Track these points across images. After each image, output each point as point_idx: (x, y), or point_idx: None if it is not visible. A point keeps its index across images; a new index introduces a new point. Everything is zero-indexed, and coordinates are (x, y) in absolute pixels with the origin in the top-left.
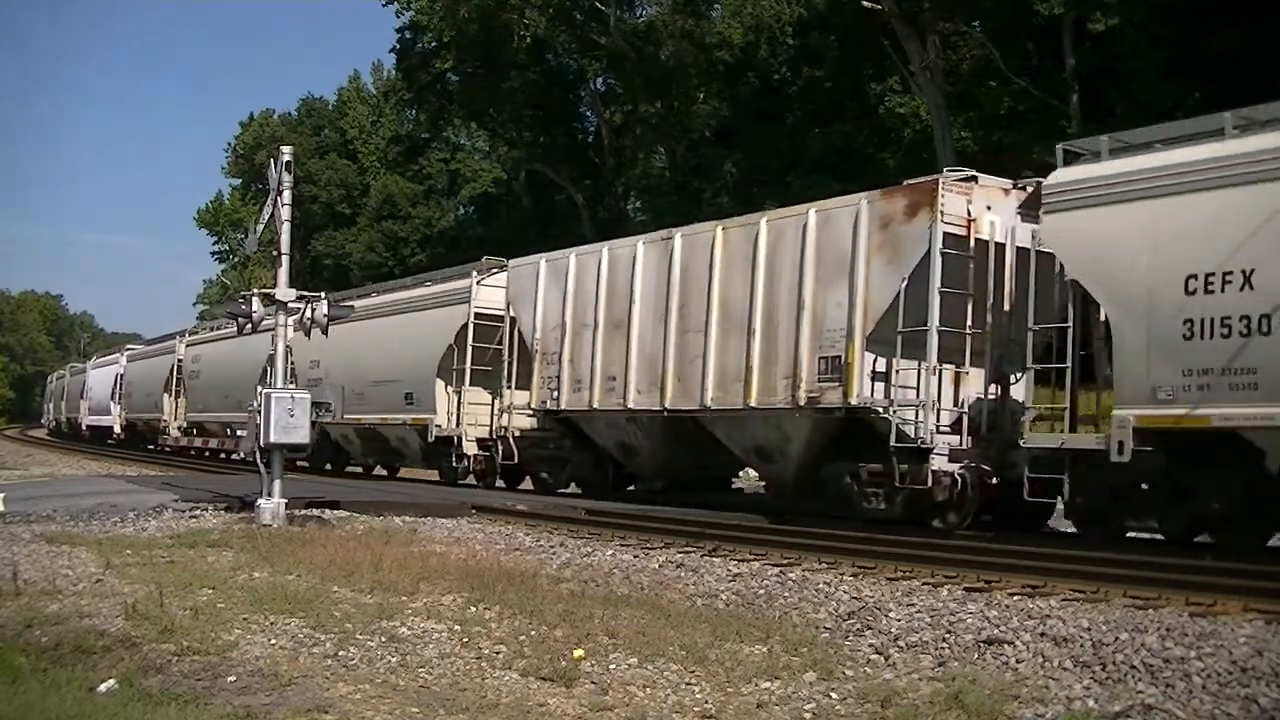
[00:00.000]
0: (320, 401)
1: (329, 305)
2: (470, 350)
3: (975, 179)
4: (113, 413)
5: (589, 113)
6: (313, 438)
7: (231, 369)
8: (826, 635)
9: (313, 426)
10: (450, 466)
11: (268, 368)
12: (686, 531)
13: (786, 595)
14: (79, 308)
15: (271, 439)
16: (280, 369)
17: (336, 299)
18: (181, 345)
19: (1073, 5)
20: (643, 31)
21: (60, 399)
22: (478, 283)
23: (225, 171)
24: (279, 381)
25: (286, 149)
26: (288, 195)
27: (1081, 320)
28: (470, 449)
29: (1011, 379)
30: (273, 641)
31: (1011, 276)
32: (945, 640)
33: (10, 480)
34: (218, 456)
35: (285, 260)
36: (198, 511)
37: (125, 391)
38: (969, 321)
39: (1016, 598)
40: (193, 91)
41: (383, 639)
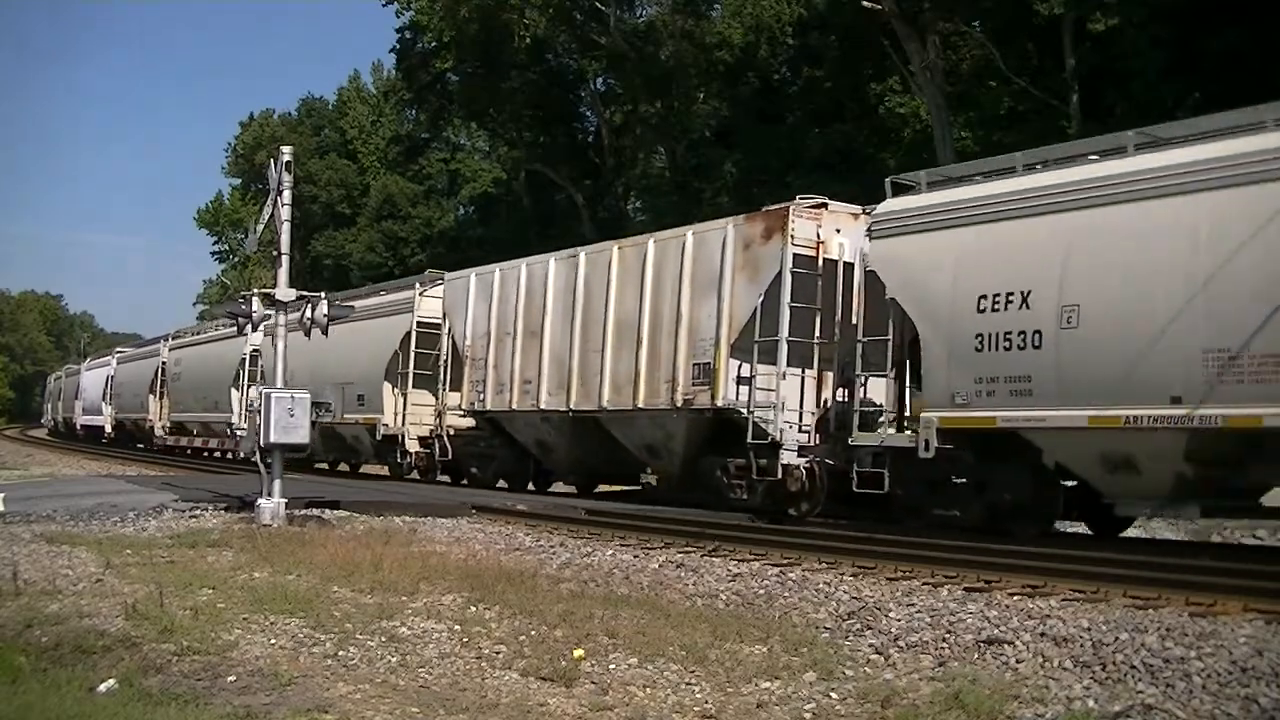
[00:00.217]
0: (320, 401)
1: (329, 305)
2: (413, 356)
3: (825, 205)
4: (104, 413)
5: (589, 113)
6: (313, 437)
7: (208, 371)
8: (826, 635)
9: (313, 426)
10: (396, 462)
11: (239, 371)
12: (686, 531)
13: (786, 595)
14: (79, 308)
15: (271, 439)
16: (280, 369)
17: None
18: (165, 349)
19: (1073, 5)
20: (643, 31)
21: (57, 399)
22: (420, 294)
23: (225, 171)
24: (278, 381)
25: (286, 149)
26: (288, 195)
27: (903, 332)
28: (413, 446)
29: (859, 383)
30: (273, 641)
31: (859, 292)
32: (945, 640)
33: (10, 480)
34: (200, 454)
35: (285, 260)
36: (198, 511)
37: (115, 392)
38: (817, 332)
39: (1016, 598)
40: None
41: (383, 639)
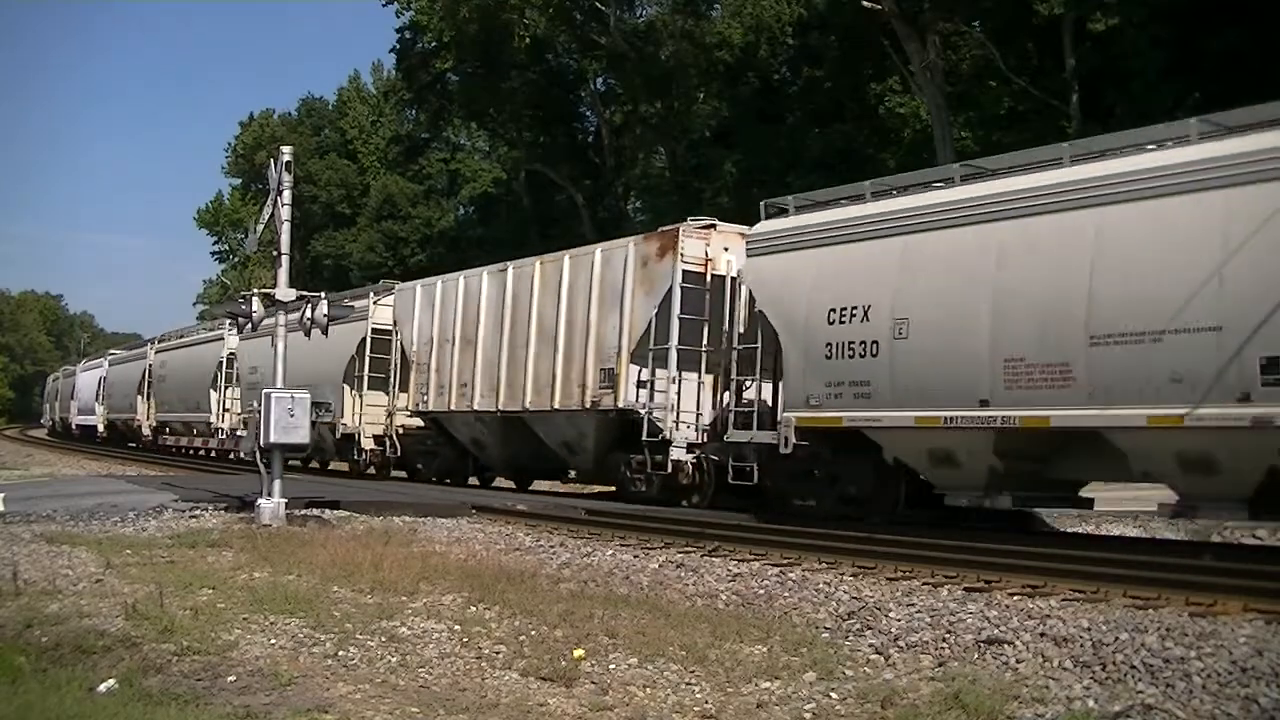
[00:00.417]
0: (320, 402)
1: (329, 305)
2: (368, 360)
3: (714, 226)
4: (97, 413)
5: (589, 113)
6: (312, 437)
7: (189, 374)
8: (826, 635)
9: (312, 426)
10: (354, 459)
11: (216, 373)
12: (686, 531)
13: (786, 595)
14: (79, 308)
15: (271, 439)
16: (280, 370)
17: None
18: (152, 351)
19: (1073, 5)
20: (643, 31)
21: (55, 400)
22: (374, 303)
23: (225, 171)
24: (278, 382)
25: (286, 149)
26: (288, 195)
27: (772, 341)
28: (368, 444)
29: (733, 386)
30: (273, 641)
31: (745, 305)
32: (945, 640)
33: (10, 480)
34: (184, 452)
35: (285, 260)
36: (198, 511)
37: (108, 393)
38: (705, 341)
39: (1016, 598)
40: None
41: (383, 639)
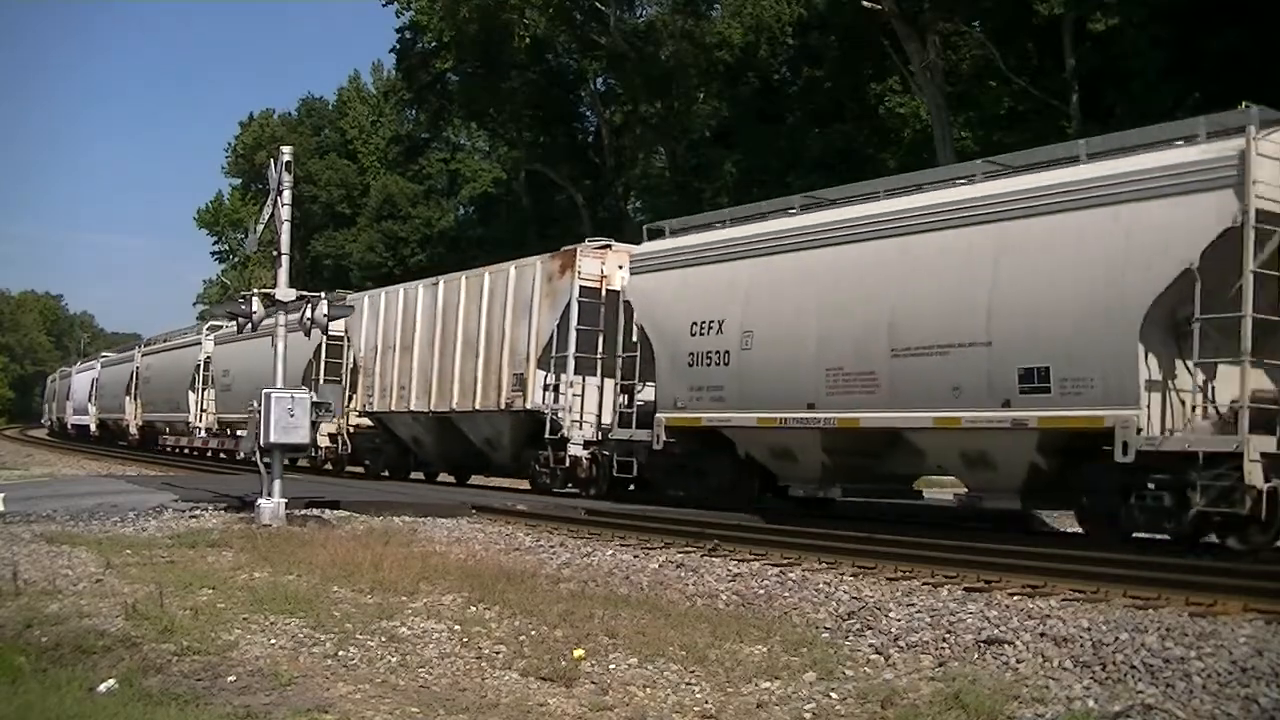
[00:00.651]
0: (321, 401)
1: (329, 305)
2: (324, 364)
3: (610, 246)
4: (90, 413)
5: (589, 113)
6: (312, 437)
7: (171, 376)
8: (826, 635)
9: (313, 427)
10: (312, 457)
11: (194, 376)
12: (686, 531)
13: (786, 595)
14: (79, 308)
15: (271, 439)
16: (280, 370)
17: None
18: (139, 354)
19: (1073, 5)
20: (643, 31)
21: (53, 400)
22: None
23: (225, 171)
24: (278, 382)
25: (286, 149)
26: (288, 195)
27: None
28: (323, 442)
29: (637, 389)
30: (273, 641)
31: (629, 317)
32: (945, 640)
33: (10, 480)
34: (168, 450)
35: (285, 260)
36: (198, 511)
37: (99, 394)
38: (600, 349)
39: (1016, 598)
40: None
41: (383, 639)
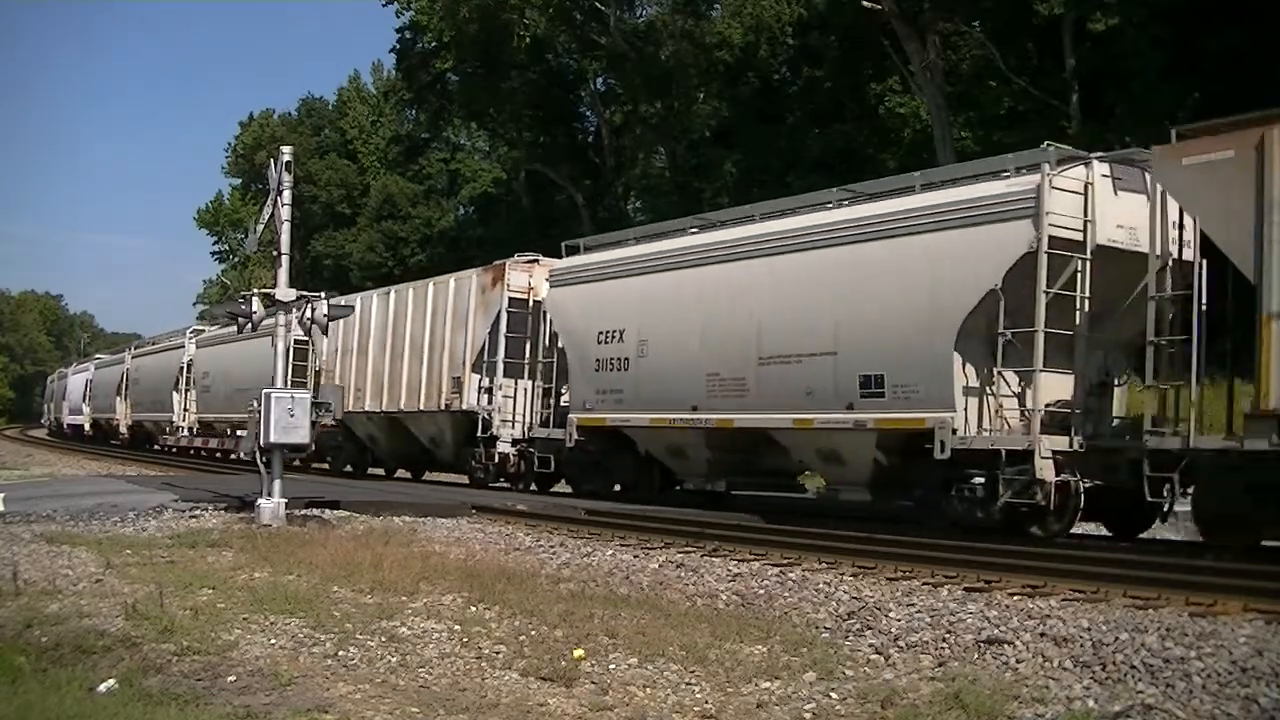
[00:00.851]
0: (321, 401)
1: (329, 305)
2: (291, 366)
3: (537, 260)
4: (84, 413)
5: (589, 113)
6: (312, 437)
7: (157, 377)
8: (826, 635)
9: (313, 426)
10: None
11: (178, 377)
12: (686, 531)
13: (786, 595)
14: (79, 308)
15: (271, 439)
16: (280, 370)
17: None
18: (129, 356)
19: (1073, 5)
20: (643, 31)
21: (52, 400)
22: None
23: (225, 171)
24: (278, 382)
25: (286, 149)
26: (288, 195)
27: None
28: None
29: (561, 391)
30: (273, 641)
31: (549, 326)
32: (945, 640)
33: (10, 480)
34: (152, 447)
35: (285, 260)
36: (198, 511)
37: (93, 394)
38: (527, 355)
39: (1016, 598)
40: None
41: (383, 639)
